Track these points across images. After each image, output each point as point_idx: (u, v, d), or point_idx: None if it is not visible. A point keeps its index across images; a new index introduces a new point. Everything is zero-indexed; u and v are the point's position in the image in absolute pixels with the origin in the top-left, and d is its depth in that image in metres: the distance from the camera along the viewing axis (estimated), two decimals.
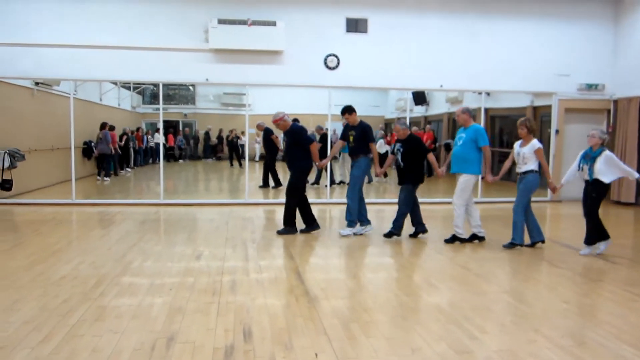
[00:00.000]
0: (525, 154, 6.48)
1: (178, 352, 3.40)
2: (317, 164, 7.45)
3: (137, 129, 19.96)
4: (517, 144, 6.70)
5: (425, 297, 4.73)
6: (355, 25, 10.27)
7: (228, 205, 10.16)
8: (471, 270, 5.67)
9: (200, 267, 5.60)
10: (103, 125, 14.22)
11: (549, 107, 11.26)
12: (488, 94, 13.79)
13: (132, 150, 18.39)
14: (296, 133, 7.29)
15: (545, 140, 12.19)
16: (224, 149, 23.20)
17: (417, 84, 10.92)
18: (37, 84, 11.43)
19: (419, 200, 7.27)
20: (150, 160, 20.42)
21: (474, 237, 6.93)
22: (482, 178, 7.25)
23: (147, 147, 20.07)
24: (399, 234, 7.11)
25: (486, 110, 14.08)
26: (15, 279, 5.01)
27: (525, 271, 5.66)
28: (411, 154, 7.02)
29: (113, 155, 15.10)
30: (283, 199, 7.48)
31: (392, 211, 9.14)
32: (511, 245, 6.57)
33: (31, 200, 10.01)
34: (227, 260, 5.89)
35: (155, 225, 8.27)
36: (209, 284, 4.93)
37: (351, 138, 7.32)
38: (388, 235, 7.10)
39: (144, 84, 19.46)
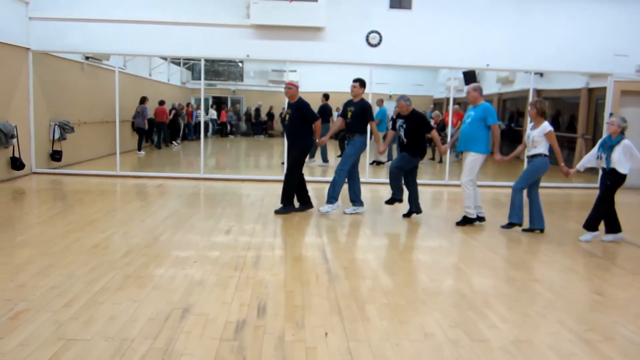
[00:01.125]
0: (534, 136, 6.24)
1: (190, 324, 3.44)
2: (317, 141, 7.35)
3: (187, 104, 20.37)
4: (529, 127, 6.50)
5: (450, 282, 4.60)
6: (399, 1, 9.97)
7: (267, 182, 10.21)
8: (502, 256, 5.48)
9: (228, 241, 5.66)
10: (142, 100, 14.50)
11: (606, 89, 10.65)
12: (541, 74, 13.23)
13: (181, 125, 18.86)
14: (304, 107, 7.10)
15: (599, 125, 11.60)
16: (274, 126, 23.40)
17: (462, 62, 10.48)
18: (87, 58, 11.78)
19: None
20: (208, 134, 20.88)
21: (475, 218, 6.84)
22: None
23: (196, 122, 20.44)
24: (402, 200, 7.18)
25: (538, 91, 13.51)
26: (52, 245, 5.21)
27: (560, 259, 5.41)
28: (415, 130, 6.92)
29: (162, 128, 15.54)
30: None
31: (434, 193, 9.00)
32: (510, 226, 6.47)
33: (79, 171, 10.39)
34: (256, 236, 5.93)
35: (192, 199, 8.42)
36: (233, 259, 4.97)
37: (349, 114, 7.17)
38: (407, 214, 7.14)
39: (187, 59, 19.74)
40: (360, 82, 7.17)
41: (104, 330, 3.30)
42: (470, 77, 17.30)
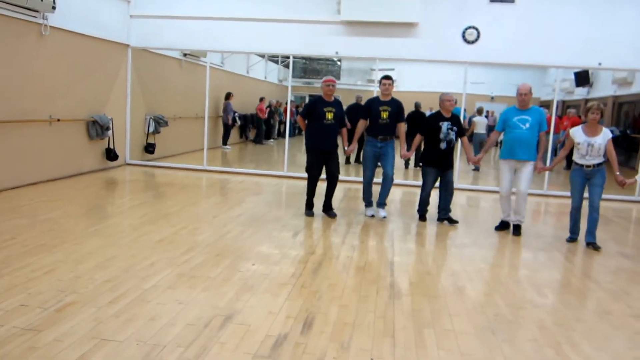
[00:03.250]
0: (601, 144, 5.69)
1: (228, 334, 3.22)
2: (347, 149, 6.95)
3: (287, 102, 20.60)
4: (579, 132, 5.82)
5: (529, 309, 3.99)
6: None
7: (350, 182, 9.91)
8: (599, 282, 4.74)
9: (293, 243, 5.43)
10: (227, 96, 14.66)
11: None
12: None
13: (276, 122, 19.12)
14: (341, 107, 6.76)
15: None
16: None
17: (570, 60, 9.42)
18: (185, 55, 12.16)
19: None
20: (296, 132, 21.04)
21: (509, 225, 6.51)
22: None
23: (295, 119, 20.60)
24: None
25: None
26: (121, 237, 5.28)
27: None
28: (459, 134, 6.64)
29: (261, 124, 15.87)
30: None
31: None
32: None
33: (168, 164, 10.73)
34: (323, 239, 5.66)
35: (270, 196, 8.33)
36: (292, 263, 4.73)
37: (385, 115, 6.66)
38: (443, 220, 6.78)
39: (278, 56, 19.88)
40: (393, 80, 6.85)
41: (139, 332, 3.17)
42: (582, 78, 15.84)
